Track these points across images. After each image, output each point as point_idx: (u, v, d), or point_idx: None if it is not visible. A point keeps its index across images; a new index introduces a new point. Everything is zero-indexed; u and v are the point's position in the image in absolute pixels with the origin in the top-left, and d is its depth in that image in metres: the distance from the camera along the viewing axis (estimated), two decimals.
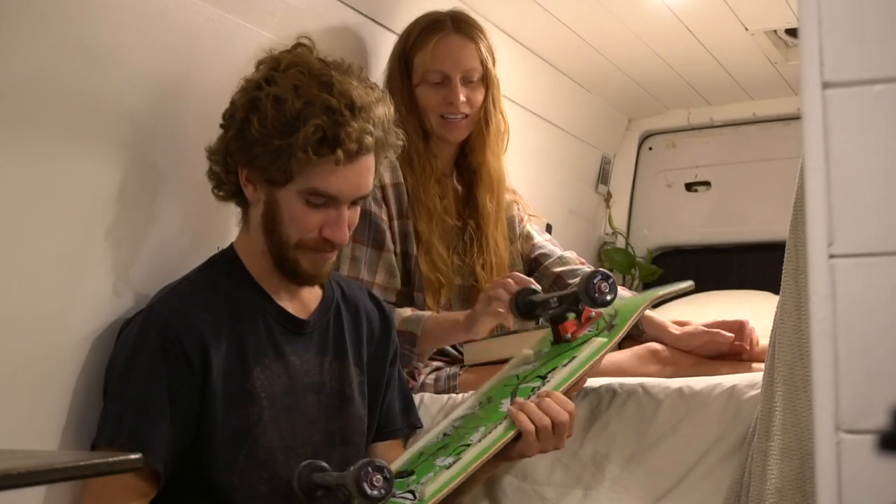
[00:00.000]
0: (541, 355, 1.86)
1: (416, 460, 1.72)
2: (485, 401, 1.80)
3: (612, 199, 3.66)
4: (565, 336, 1.84)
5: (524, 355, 1.90)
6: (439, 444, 1.74)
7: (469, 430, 1.73)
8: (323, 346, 1.77)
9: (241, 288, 1.72)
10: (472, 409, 1.80)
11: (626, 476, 1.90)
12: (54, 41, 1.54)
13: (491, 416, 1.73)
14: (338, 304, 1.83)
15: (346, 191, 1.66)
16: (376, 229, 2.12)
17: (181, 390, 1.60)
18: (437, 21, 2.22)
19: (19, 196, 1.53)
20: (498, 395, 1.79)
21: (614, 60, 3.05)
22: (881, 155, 0.96)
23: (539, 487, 1.94)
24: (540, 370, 1.81)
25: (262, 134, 1.62)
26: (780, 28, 2.90)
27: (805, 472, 1.56)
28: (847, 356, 0.96)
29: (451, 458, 1.66)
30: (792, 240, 1.60)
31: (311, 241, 1.68)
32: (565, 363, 1.78)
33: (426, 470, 1.67)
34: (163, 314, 1.63)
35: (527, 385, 1.77)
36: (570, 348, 1.82)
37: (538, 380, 1.77)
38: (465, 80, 2.20)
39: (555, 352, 1.84)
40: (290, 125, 1.61)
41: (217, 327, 1.65)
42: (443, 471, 1.63)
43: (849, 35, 0.97)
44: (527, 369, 1.83)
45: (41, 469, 0.99)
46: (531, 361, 1.86)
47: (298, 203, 1.66)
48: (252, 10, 1.91)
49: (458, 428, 1.76)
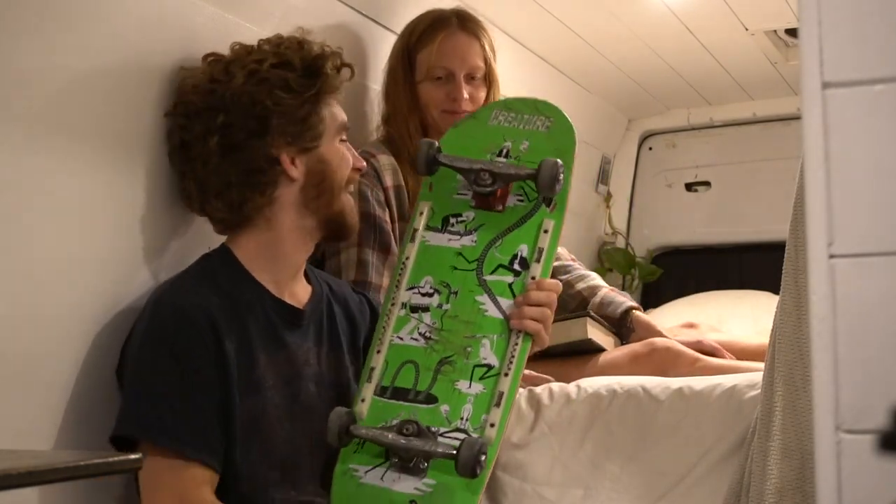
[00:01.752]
0: (461, 223, 1.82)
1: (410, 373, 1.72)
2: (443, 289, 1.77)
3: (611, 199, 3.66)
4: (496, 206, 1.81)
5: (425, 213, 1.84)
6: (428, 352, 1.73)
7: (459, 338, 1.73)
8: (318, 336, 1.79)
9: (237, 280, 1.73)
10: (439, 303, 1.77)
11: (626, 476, 1.90)
12: (53, 41, 1.54)
13: (482, 323, 1.73)
14: (328, 297, 1.86)
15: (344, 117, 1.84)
16: (381, 232, 2.12)
17: (203, 370, 1.61)
18: (443, 18, 2.22)
19: (19, 196, 1.53)
20: (457, 282, 1.77)
21: (614, 60, 3.05)
22: (881, 155, 0.96)
23: (539, 487, 1.94)
24: (482, 241, 1.78)
25: (291, 99, 1.73)
26: (780, 28, 2.90)
27: (805, 472, 1.56)
28: (847, 356, 0.96)
29: (478, 384, 1.69)
30: (792, 240, 1.60)
31: (351, 176, 1.82)
32: (506, 230, 1.77)
33: (450, 395, 1.69)
34: (171, 303, 1.64)
35: (496, 277, 1.76)
36: (501, 218, 1.80)
37: (498, 257, 1.77)
38: (469, 78, 2.20)
39: (484, 220, 1.80)
40: (309, 77, 1.74)
41: (223, 313, 1.66)
42: (485, 405, 1.67)
43: (849, 35, 0.97)
44: (464, 244, 1.80)
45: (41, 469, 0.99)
46: (444, 229, 1.82)
47: (339, 146, 1.80)
48: (252, 10, 1.91)
49: (440, 330, 1.74)
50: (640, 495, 1.88)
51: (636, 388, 1.96)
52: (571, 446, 1.94)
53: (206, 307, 1.64)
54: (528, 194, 1.80)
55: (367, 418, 1.70)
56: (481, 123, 1.87)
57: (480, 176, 1.78)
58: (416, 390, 1.71)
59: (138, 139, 1.75)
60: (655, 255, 3.64)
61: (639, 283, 3.59)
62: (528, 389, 2.04)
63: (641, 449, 1.91)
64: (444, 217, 1.83)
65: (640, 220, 3.67)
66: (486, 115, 1.88)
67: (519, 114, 1.86)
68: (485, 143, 1.84)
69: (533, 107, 1.86)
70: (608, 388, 1.98)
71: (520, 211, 1.80)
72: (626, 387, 1.97)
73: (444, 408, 1.69)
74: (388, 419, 1.69)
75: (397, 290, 1.78)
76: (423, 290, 1.78)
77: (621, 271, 3.58)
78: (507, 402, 1.68)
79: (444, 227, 1.82)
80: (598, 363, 2.23)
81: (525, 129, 1.84)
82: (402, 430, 1.66)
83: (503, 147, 1.83)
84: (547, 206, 1.79)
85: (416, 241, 1.81)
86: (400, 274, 1.79)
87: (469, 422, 1.68)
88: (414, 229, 1.82)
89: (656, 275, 3.58)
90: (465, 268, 1.78)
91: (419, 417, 1.68)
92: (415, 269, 1.80)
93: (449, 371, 1.71)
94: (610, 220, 3.66)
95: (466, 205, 1.82)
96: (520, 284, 1.75)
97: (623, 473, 1.90)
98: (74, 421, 1.63)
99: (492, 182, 1.77)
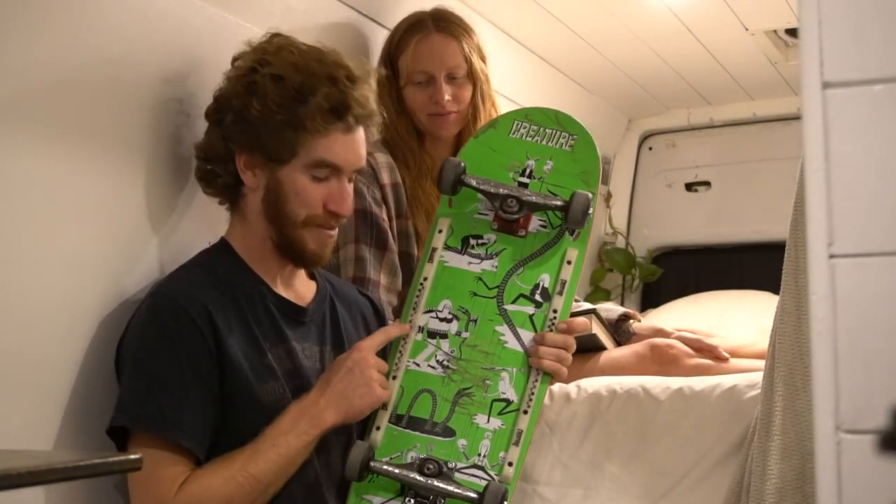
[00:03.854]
0: (482, 246, 1.79)
1: (427, 403, 1.71)
2: (461, 315, 1.76)
3: (612, 199, 3.66)
4: (518, 232, 1.79)
5: (444, 231, 1.81)
6: (446, 382, 1.72)
7: (478, 369, 1.72)
8: (321, 335, 1.79)
9: (238, 275, 1.73)
10: (458, 331, 1.75)
11: (626, 476, 1.90)
12: (54, 42, 1.55)
13: (502, 355, 1.72)
14: (331, 297, 1.85)
15: (349, 160, 1.71)
16: (378, 229, 2.12)
17: (200, 360, 1.61)
18: (419, 21, 2.22)
19: (19, 194, 1.53)
20: (477, 309, 1.75)
21: (614, 60, 3.05)
22: (881, 155, 0.96)
23: (539, 487, 1.94)
24: (504, 267, 1.76)
25: (264, 113, 1.66)
26: (780, 28, 2.90)
27: (805, 472, 1.56)
28: (847, 356, 0.96)
29: (497, 420, 1.69)
30: (792, 240, 1.60)
31: (317, 217, 1.71)
32: (528, 257, 1.76)
33: (468, 429, 1.68)
34: (168, 294, 1.65)
35: (516, 308, 1.75)
36: (523, 243, 1.78)
37: (519, 286, 1.75)
38: (450, 78, 2.19)
39: (506, 244, 1.78)
40: (294, 99, 1.65)
41: (223, 304, 1.66)
42: (504, 442, 1.67)
43: (849, 35, 0.97)
44: (485, 269, 1.78)
45: (41, 469, 0.99)
46: (463, 250, 1.79)
47: (303, 178, 1.69)
48: (252, 10, 1.91)
49: (458, 359, 1.73)
50: (640, 495, 1.88)
51: (636, 387, 1.96)
52: (571, 446, 1.94)
53: (203, 299, 1.64)
54: (551, 220, 1.79)
55: (381, 448, 1.69)
56: (502, 135, 1.85)
57: (507, 203, 1.75)
58: (433, 421, 1.70)
59: (138, 138, 1.75)
60: (655, 255, 3.64)
61: (639, 283, 3.59)
62: None
63: (641, 449, 1.91)
64: (464, 238, 1.79)
65: (640, 220, 3.67)
66: (507, 125, 1.85)
67: (540, 127, 1.83)
68: (506, 157, 1.82)
69: (555, 120, 1.84)
70: (608, 388, 1.98)
71: (542, 238, 1.78)
72: (625, 387, 1.97)
73: (461, 442, 1.68)
74: (404, 450, 1.68)
75: (414, 313, 1.75)
76: (441, 315, 1.76)
77: (621, 271, 3.58)
78: (525, 441, 1.68)
79: (463, 248, 1.79)
80: (599, 361, 2.23)
81: (548, 147, 1.82)
82: (423, 469, 1.65)
83: (527, 166, 1.81)
84: (570, 234, 1.78)
85: (434, 261, 1.78)
86: (417, 295, 1.76)
87: (487, 458, 1.67)
88: (433, 248, 1.78)
89: (656, 275, 3.58)
90: (485, 294, 1.76)
91: (435, 450, 1.67)
92: (433, 291, 1.77)
93: (467, 403, 1.70)
94: (610, 220, 3.66)
95: (488, 226, 1.79)
96: (541, 317, 1.73)
97: (623, 473, 1.90)
98: (74, 420, 1.63)
99: (518, 209, 1.75)
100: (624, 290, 3.62)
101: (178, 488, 1.56)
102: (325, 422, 1.63)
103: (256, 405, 1.64)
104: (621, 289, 3.62)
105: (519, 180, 1.79)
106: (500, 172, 1.81)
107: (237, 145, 1.70)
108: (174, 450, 1.58)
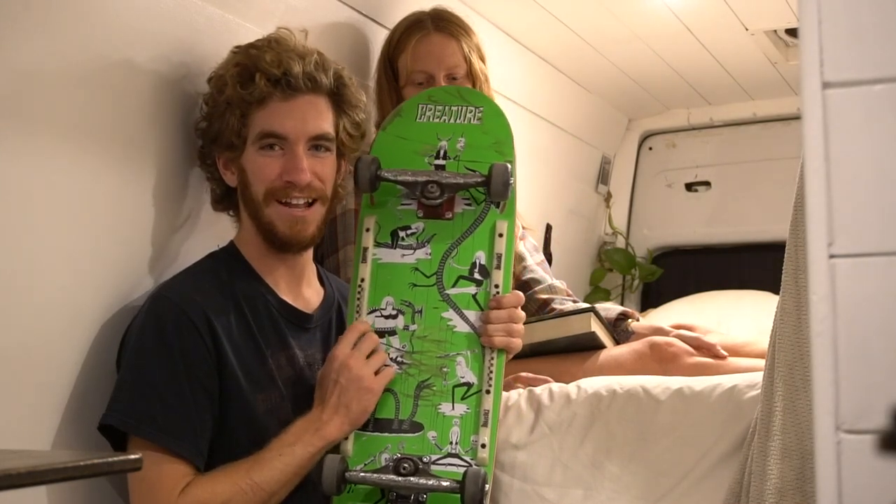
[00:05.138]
0: (412, 236, 1.77)
1: (390, 402, 1.70)
2: (406, 309, 1.74)
3: (612, 199, 3.66)
4: (445, 215, 1.77)
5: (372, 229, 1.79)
6: (404, 378, 1.71)
7: (432, 358, 1.71)
8: (326, 343, 1.79)
9: (243, 279, 1.73)
10: (405, 325, 1.74)
11: (627, 476, 1.90)
12: (55, 41, 1.54)
13: (453, 340, 1.71)
14: (339, 305, 1.85)
15: (295, 127, 1.71)
16: None
17: (198, 365, 1.61)
18: (418, 21, 2.22)
19: (21, 194, 1.53)
20: (420, 299, 1.74)
21: (614, 60, 3.05)
22: (881, 155, 0.96)
23: (539, 488, 1.94)
24: (437, 253, 1.75)
25: (210, 108, 1.72)
26: (780, 28, 2.90)
27: (805, 472, 1.56)
28: (847, 356, 0.96)
29: (461, 405, 1.68)
30: (792, 240, 1.60)
31: (276, 191, 1.71)
32: (460, 238, 1.74)
33: (435, 420, 1.68)
34: (168, 297, 1.65)
35: (458, 290, 1.74)
36: (452, 225, 1.76)
37: (456, 268, 1.74)
38: (450, 78, 2.19)
39: (435, 230, 1.76)
40: (235, 85, 1.69)
41: (224, 309, 1.67)
42: (473, 425, 1.67)
43: (849, 35, 0.97)
44: (419, 258, 1.76)
45: (41, 469, 0.99)
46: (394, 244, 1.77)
47: (256, 156, 1.71)
48: (252, 10, 1.91)
49: (412, 353, 1.72)
50: (640, 495, 1.88)
51: (636, 388, 1.96)
52: (571, 446, 1.94)
53: (203, 303, 1.64)
54: (475, 197, 1.77)
55: (353, 456, 1.67)
56: (409, 121, 1.82)
57: (427, 189, 1.73)
58: (399, 419, 1.69)
59: (139, 138, 1.75)
60: (655, 255, 3.64)
61: (639, 283, 3.59)
62: (529, 390, 2.04)
63: (641, 449, 1.91)
64: (393, 231, 1.77)
65: (640, 220, 3.67)
66: (412, 111, 1.83)
67: (446, 105, 1.80)
68: (418, 143, 1.79)
69: (458, 96, 1.82)
70: (608, 389, 1.97)
71: (469, 216, 1.76)
72: (625, 387, 1.97)
73: (431, 434, 1.68)
74: (376, 453, 1.67)
75: (359, 316, 1.73)
76: (385, 313, 1.74)
77: (621, 271, 3.59)
78: (493, 420, 1.67)
79: (394, 242, 1.77)
80: (598, 360, 2.23)
81: (457, 124, 1.79)
82: (398, 469, 1.64)
83: (440, 147, 1.78)
84: (496, 206, 1.76)
85: (368, 261, 1.75)
86: (358, 298, 1.74)
87: (459, 445, 1.66)
88: (364, 248, 1.76)
89: (656, 275, 3.58)
90: (424, 283, 1.75)
91: (407, 447, 1.67)
92: (372, 290, 1.75)
93: (429, 395, 1.69)
94: (610, 220, 3.66)
95: (413, 215, 1.78)
96: (483, 294, 1.72)
97: (623, 473, 1.90)
98: (74, 420, 1.63)
99: (440, 193, 1.73)
100: (624, 290, 3.62)
101: (181, 492, 1.57)
102: (330, 434, 1.64)
103: (250, 413, 1.64)
104: (621, 289, 3.62)
105: (435, 163, 1.77)
106: (415, 159, 1.78)
107: (214, 150, 1.75)
108: (172, 453, 1.58)
